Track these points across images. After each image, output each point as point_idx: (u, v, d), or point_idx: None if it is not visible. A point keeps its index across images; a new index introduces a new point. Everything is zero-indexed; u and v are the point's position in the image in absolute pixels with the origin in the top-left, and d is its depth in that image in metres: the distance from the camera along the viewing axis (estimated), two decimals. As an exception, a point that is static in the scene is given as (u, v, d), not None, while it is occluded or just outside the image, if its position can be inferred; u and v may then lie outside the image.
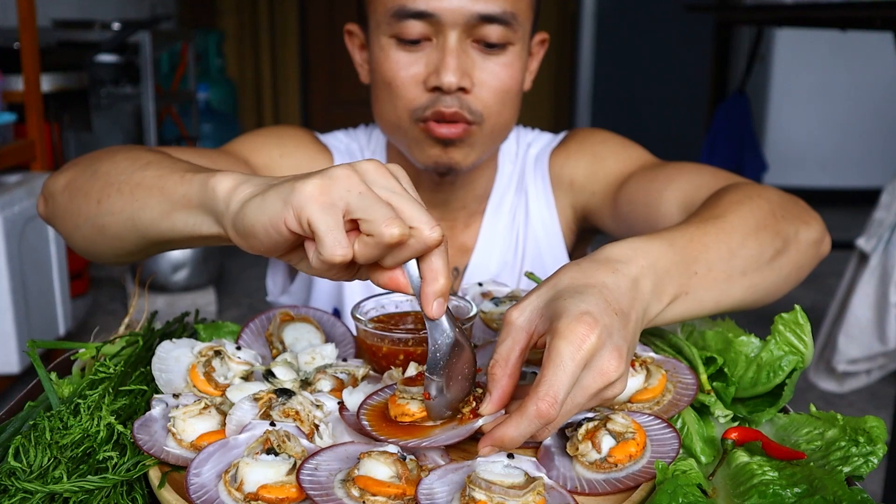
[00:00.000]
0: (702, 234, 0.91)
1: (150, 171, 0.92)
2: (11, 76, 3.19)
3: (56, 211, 1.06)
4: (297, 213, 0.69)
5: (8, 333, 2.86)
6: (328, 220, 0.68)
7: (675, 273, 0.86)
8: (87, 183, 0.99)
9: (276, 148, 1.32)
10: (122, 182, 0.94)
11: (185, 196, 0.84)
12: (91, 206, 0.97)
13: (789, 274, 1.00)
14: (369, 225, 0.67)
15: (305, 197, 0.68)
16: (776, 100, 6.51)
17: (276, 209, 0.70)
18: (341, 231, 0.68)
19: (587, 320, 0.71)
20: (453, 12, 1.14)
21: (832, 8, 3.20)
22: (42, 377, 0.91)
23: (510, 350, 0.77)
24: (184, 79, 5.10)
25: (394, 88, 1.20)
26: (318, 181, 0.69)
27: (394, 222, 0.67)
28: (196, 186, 0.83)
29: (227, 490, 0.71)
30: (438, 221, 0.72)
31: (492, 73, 1.19)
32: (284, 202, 0.70)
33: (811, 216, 1.06)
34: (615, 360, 0.72)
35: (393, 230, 0.67)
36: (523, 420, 0.71)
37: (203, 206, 0.82)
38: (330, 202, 0.68)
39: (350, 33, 1.33)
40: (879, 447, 0.76)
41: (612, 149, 1.33)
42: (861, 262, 2.88)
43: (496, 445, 0.73)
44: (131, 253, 1.00)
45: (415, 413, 0.78)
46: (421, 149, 1.23)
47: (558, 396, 0.70)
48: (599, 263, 0.81)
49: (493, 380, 0.76)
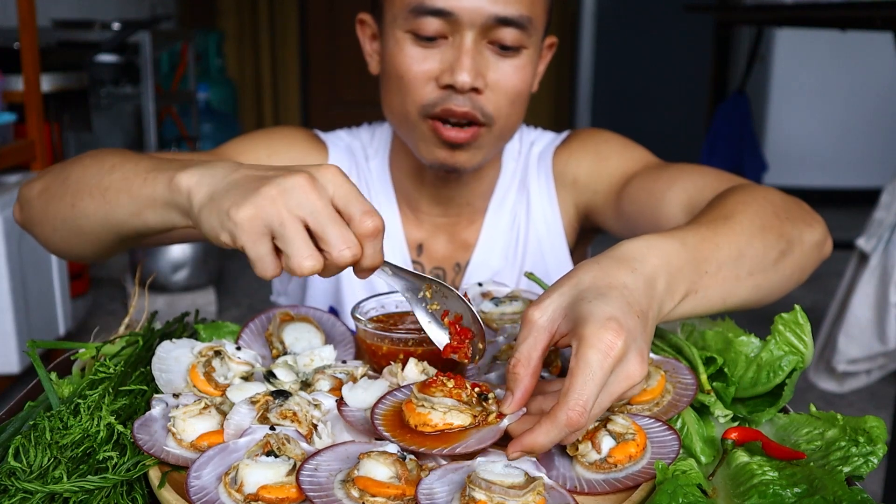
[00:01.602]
0: (713, 234, 0.92)
1: (115, 175, 0.97)
2: (11, 76, 3.18)
3: (32, 216, 1.10)
4: (232, 238, 0.77)
5: (8, 333, 2.86)
6: (259, 251, 0.77)
7: (687, 271, 0.87)
8: (60, 188, 1.05)
9: (263, 148, 1.33)
10: (91, 186, 0.99)
11: (150, 196, 0.90)
12: (66, 210, 1.02)
13: (792, 275, 1.02)
14: (287, 259, 0.77)
15: (237, 227, 0.76)
16: (776, 100, 6.51)
17: (216, 229, 0.79)
18: (271, 257, 0.77)
19: (613, 326, 0.72)
20: (471, 12, 1.15)
21: (832, 8, 3.20)
22: (42, 377, 0.91)
23: (532, 349, 0.78)
24: (184, 79, 5.10)
25: (405, 82, 1.20)
26: (248, 211, 0.76)
27: (305, 260, 0.76)
28: (160, 186, 0.88)
29: (227, 492, 0.71)
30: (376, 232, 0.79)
31: (505, 74, 1.20)
32: (221, 224, 0.78)
33: (814, 218, 1.07)
34: (639, 364, 0.74)
35: (303, 266, 0.76)
36: (553, 428, 0.72)
37: (170, 204, 0.87)
38: (258, 234, 0.76)
39: (362, 22, 1.33)
40: (879, 447, 0.76)
41: (616, 149, 1.34)
42: (861, 262, 2.88)
43: (525, 451, 0.75)
44: (111, 248, 1.05)
45: (437, 424, 0.77)
46: (428, 147, 1.24)
47: (588, 405, 0.71)
48: (618, 261, 0.82)
49: (516, 379, 0.78)
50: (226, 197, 0.79)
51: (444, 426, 0.77)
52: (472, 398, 0.80)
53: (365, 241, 0.79)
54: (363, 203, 0.79)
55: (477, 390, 0.81)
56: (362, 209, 0.79)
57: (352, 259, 0.78)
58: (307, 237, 0.77)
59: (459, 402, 0.78)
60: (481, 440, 0.76)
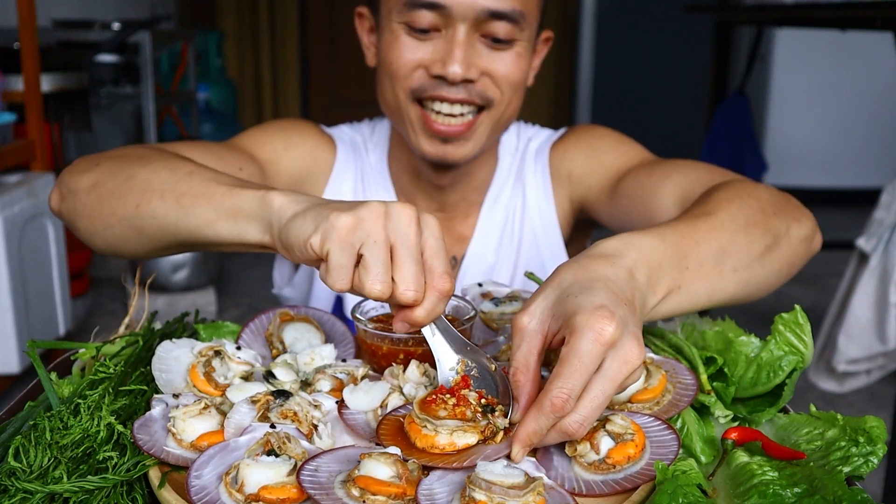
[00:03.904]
0: (692, 231, 0.93)
1: (195, 181, 0.97)
2: (11, 76, 3.18)
3: (79, 209, 1.08)
4: (322, 240, 0.78)
5: (8, 333, 2.86)
6: (341, 259, 0.78)
7: (667, 267, 0.88)
8: (121, 186, 1.03)
9: (280, 141, 1.35)
10: (164, 190, 0.99)
11: (235, 206, 0.91)
12: (128, 210, 1.02)
13: (780, 269, 1.02)
14: (363, 273, 0.78)
15: (334, 230, 0.78)
16: (776, 100, 6.51)
17: (309, 231, 0.80)
18: (348, 270, 0.78)
19: (604, 314, 0.73)
20: (464, 6, 1.17)
21: (832, 8, 3.20)
22: (42, 377, 0.91)
23: (528, 355, 0.78)
24: (184, 79, 5.10)
25: (395, 68, 1.23)
26: (350, 220, 0.78)
27: (378, 283, 0.77)
28: (250, 199, 0.90)
29: (227, 491, 0.71)
30: (445, 273, 0.80)
31: (497, 65, 1.23)
32: (315, 227, 0.79)
33: (802, 213, 1.08)
34: (636, 346, 0.74)
35: (374, 288, 0.77)
36: (540, 415, 0.73)
37: (255, 217, 0.89)
38: (349, 243, 0.78)
39: (360, 15, 1.36)
40: (879, 447, 0.76)
41: (611, 144, 1.36)
42: (861, 262, 2.88)
43: (523, 444, 0.75)
44: (163, 251, 1.06)
45: (445, 447, 0.76)
46: (418, 137, 1.26)
47: (574, 391, 0.72)
48: (596, 258, 0.83)
49: (518, 386, 0.78)
50: (328, 207, 0.81)
51: (451, 449, 0.76)
52: (476, 413, 0.78)
53: (430, 293, 0.79)
54: (447, 264, 0.81)
55: (483, 402, 0.80)
56: (445, 269, 0.80)
57: (411, 302, 0.78)
58: (389, 263, 0.78)
59: (464, 420, 0.77)
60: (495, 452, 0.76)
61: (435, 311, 0.80)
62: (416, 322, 0.80)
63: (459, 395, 0.80)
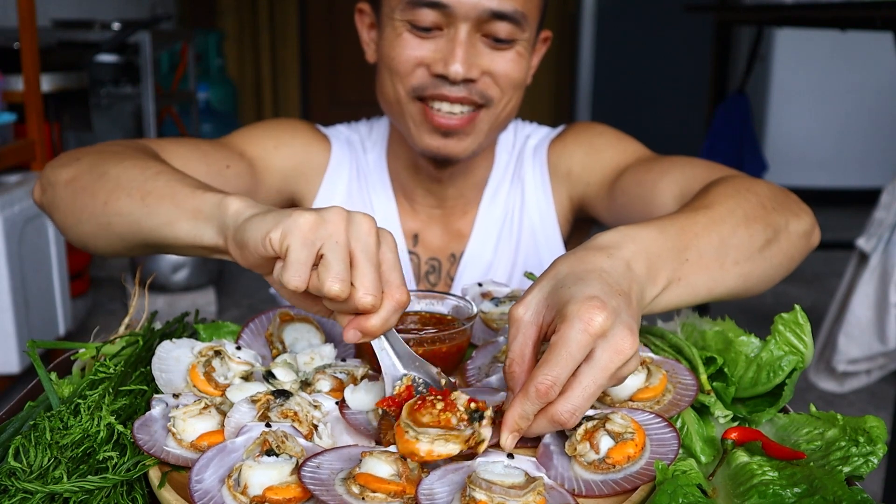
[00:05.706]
0: (692, 223, 0.94)
1: (161, 181, 0.98)
2: (11, 76, 3.18)
3: (56, 203, 1.10)
4: (283, 235, 0.77)
5: (8, 333, 2.86)
6: (301, 255, 0.76)
7: (667, 258, 0.88)
8: (94, 183, 1.05)
9: (270, 139, 1.36)
10: (132, 188, 1.00)
11: (196, 208, 0.92)
12: (97, 206, 1.03)
13: (780, 263, 1.03)
14: (323, 271, 0.76)
15: (296, 226, 0.77)
16: (776, 100, 6.51)
17: (268, 226, 0.79)
18: (307, 267, 0.77)
19: (595, 304, 0.74)
20: (466, 6, 1.18)
21: (832, 8, 3.20)
22: (42, 377, 0.91)
23: (523, 346, 0.79)
24: (184, 79, 5.10)
25: (396, 64, 1.24)
26: (313, 218, 0.77)
27: (338, 282, 0.76)
28: (209, 202, 0.90)
29: (231, 495, 0.70)
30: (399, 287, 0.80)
31: (498, 65, 1.24)
32: (276, 223, 0.78)
33: (801, 208, 1.09)
34: (629, 336, 0.74)
35: (333, 286, 0.75)
36: (526, 400, 0.74)
37: (211, 219, 0.89)
38: (311, 240, 0.77)
39: (361, 11, 1.37)
40: (879, 447, 0.76)
41: (609, 141, 1.36)
42: (861, 262, 2.88)
43: (513, 430, 0.76)
44: (130, 249, 1.06)
45: (423, 455, 0.72)
46: (419, 132, 1.27)
47: (560, 378, 0.73)
48: (593, 250, 0.83)
49: (513, 378, 0.78)
50: (289, 210, 0.81)
51: (428, 458, 0.73)
52: (462, 420, 0.74)
53: (388, 302, 0.79)
54: (403, 278, 0.81)
55: (473, 406, 0.76)
56: (400, 281, 0.80)
57: (369, 307, 0.77)
58: (349, 266, 0.77)
59: (447, 428, 0.73)
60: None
61: (389, 322, 0.79)
62: (369, 331, 0.79)
63: (448, 399, 0.76)
